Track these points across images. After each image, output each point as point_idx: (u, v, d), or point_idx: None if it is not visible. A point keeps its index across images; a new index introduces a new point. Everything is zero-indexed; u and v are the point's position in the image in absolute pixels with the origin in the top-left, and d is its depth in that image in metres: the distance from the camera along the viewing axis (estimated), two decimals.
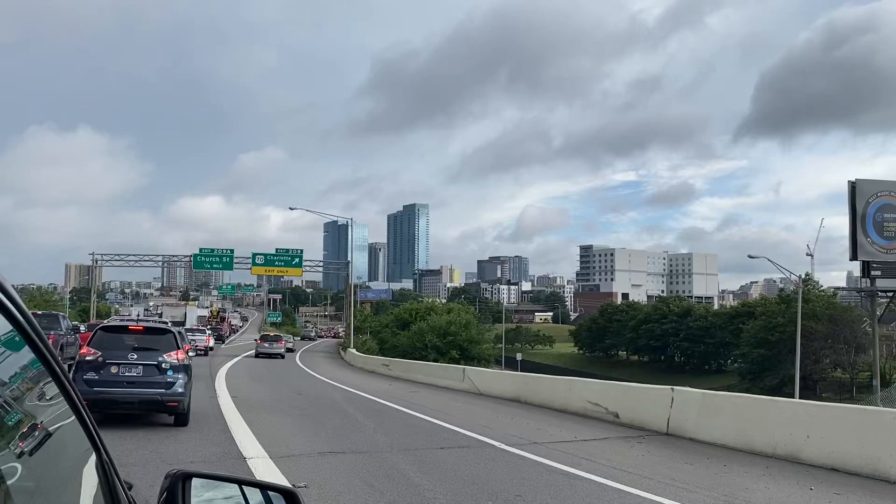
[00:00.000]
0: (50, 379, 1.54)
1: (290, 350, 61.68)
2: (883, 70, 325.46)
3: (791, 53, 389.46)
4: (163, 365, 12.88)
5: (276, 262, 78.87)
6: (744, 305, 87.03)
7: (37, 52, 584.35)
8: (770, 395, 18.57)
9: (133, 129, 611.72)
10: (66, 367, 1.64)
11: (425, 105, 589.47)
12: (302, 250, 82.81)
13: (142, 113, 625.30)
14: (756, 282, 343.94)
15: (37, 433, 1.48)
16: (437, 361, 51.98)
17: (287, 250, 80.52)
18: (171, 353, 13.16)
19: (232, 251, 79.15)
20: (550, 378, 21.23)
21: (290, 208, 60.26)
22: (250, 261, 79.24)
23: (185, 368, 13.43)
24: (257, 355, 50.66)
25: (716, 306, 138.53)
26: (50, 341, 1.51)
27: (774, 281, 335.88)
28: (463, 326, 65.23)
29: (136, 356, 12.84)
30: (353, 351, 54.42)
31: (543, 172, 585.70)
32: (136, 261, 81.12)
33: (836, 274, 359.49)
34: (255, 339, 63.03)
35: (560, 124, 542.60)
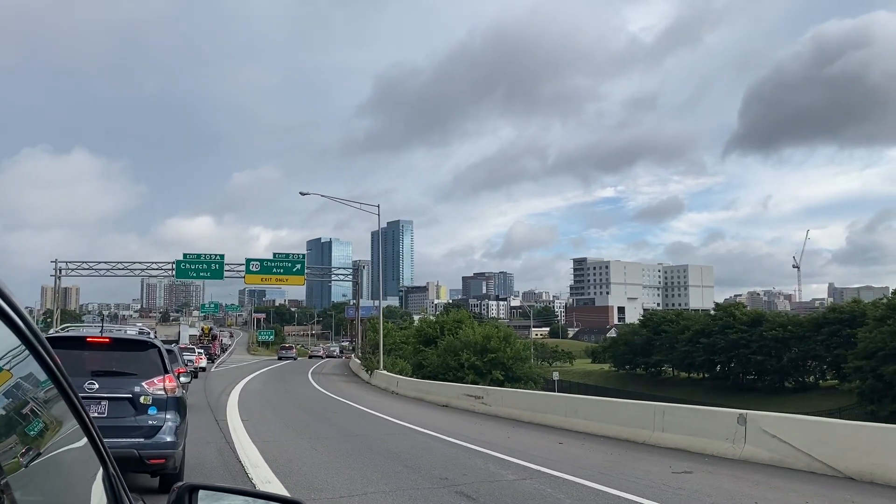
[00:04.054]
0: (57, 393, 1.54)
1: (319, 357, 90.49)
2: (873, 84, 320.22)
3: (779, 69, 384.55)
4: (141, 398, 8.05)
5: (275, 269, 66.90)
6: (833, 310, 75.64)
7: (33, 75, 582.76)
8: None
9: (128, 151, 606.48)
10: (72, 380, 1.61)
11: (422, 124, 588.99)
12: (304, 255, 71.27)
13: (137, 135, 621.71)
14: (740, 295, 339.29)
15: (45, 446, 1.47)
16: (476, 384, 41.84)
17: (287, 255, 68.66)
18: (155, 380, 8.21)
19: (222, 257, 67.08)
20: None
21: (301, 193, 48.52)
22: (243, 268, 67.28)
23: (177, 403, 8.38)
24: (279, 358, 75.01)
25: None
26: None
27: (758, 294, 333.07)
28: (503, 341, 54.02)
29: (97, 385, 7.84)
30: (385, 373, 42.68)
31: (533, 189, 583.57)
32: (107, 270, 68.55)
33: (817, 286, 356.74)
34: (281, 354, 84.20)
35: (553, 142, 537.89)
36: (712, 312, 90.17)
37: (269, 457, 11.38)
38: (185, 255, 67.01)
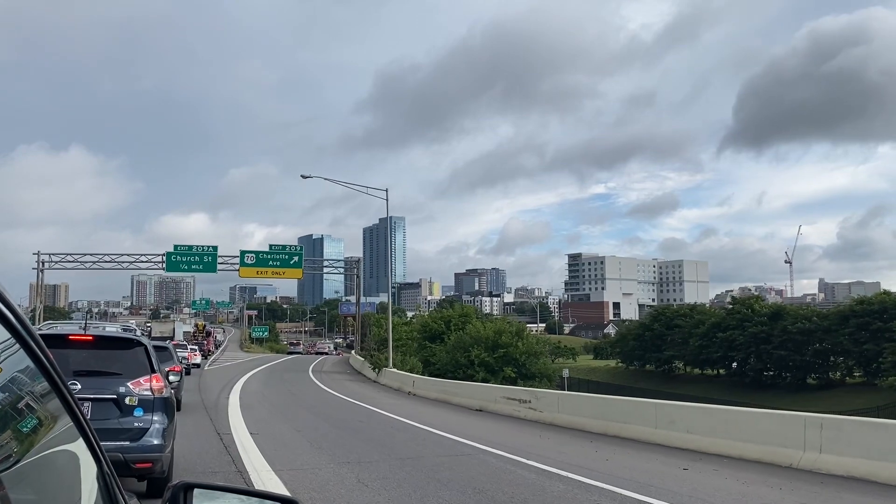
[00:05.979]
0: (51, 390, 1.53)
1: (324, 354, 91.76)
2: (867, 80, 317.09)
3: (775, 65, 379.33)
4: (127, 399, 7.71)
5: (271, 262, 63.30)
6: (861, 302, 72.49)
7: (31, 72, 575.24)
8: None
9: (125, 148, 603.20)
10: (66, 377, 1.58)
11: (421, 120, 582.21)
12: (302, 247, 67.67)
13: (134, 132, 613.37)
14: (732, 290, 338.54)
15: (38, 444, 1.47)
16: (486, 381, 38.98)
17: (284, 247, 65.12)
18: (141, 380, 7.86)
19: (215, 248, 63.33)
20: None
21: (303, 176, 45.13)
22: (237, 260, 63.72)
23: (164, 404, 8.01)
24: (289, 353, 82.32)
25: None
26: None
27: (750, 289, 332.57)
28: (515, 335, 50.98)
29: (79, 386, 7.33)
30: (396, 371, 39.31)
31: (528, 186, 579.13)
32: (93, 262, 64.78)
33: (808, 282, 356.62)
34: (290, 350, 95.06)
35: (550, 139, 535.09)
36: (707, 306, 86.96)
37: (307, 499, 7.98)
38: (175, 247, 63.31)
